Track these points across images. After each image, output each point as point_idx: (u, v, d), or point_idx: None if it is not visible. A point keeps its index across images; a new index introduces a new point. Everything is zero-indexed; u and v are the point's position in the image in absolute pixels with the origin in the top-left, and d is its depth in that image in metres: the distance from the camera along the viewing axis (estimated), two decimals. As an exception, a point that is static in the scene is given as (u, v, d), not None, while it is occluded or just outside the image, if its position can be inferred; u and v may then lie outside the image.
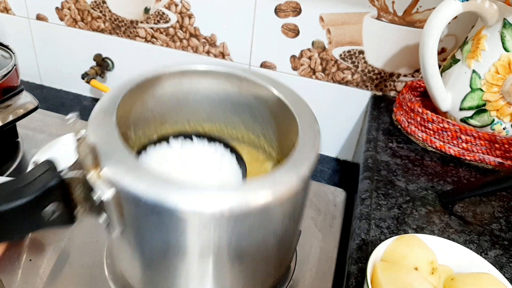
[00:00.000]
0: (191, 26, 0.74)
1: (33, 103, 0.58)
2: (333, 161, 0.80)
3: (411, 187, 0.51)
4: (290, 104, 0.40)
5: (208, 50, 0.76)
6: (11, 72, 0.55)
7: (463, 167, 0.55)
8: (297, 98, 0.41)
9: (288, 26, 0.69)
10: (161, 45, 0.78)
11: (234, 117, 0.48)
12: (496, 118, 0.54)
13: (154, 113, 0.46)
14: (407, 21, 0.64)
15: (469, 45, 0.55)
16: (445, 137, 0.56)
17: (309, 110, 0.40)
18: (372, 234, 0.44)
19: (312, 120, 0.39)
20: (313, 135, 0.37)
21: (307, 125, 0.38)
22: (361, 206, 0.47)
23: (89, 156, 0.32)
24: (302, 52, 0.71)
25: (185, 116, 0.48)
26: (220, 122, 0.49)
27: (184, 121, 0.48)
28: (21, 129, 0.66)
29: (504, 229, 0.46)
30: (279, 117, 0.43)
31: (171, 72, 0.43)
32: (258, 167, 0.48)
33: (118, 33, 0.80)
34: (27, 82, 0.92)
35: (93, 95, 0.90)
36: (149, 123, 0.46)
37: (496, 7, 0.51)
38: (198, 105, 0.47)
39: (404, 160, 0.55)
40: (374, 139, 0.59)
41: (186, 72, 0.44)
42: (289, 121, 0.40)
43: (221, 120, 0.49)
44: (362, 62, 0.69)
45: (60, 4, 0.80)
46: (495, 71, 0.52)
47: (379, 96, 0.71)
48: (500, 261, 0.42)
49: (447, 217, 0.47)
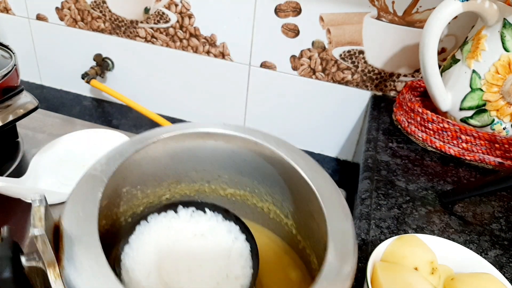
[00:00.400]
0: (191, 26, 0.74)
1: (33, 103, 0.58)
2: (333, 161, 0.80)
3: (411, 187, 0.51)
4: (318, 193, 0.35)
5: (208, 50, 0.76)
6: (11, 72, 0.55)
7: (463, 167, 0.55)
8: (327, 182, 0.36)
9: (288, 26, 0.69)
10: (161, 45, 0.78)
11: (262, 188, 0.43)
12: (496, 118, 0.54)
13: (167, 171, 0.41)
14: (407, 21, 0.64)
15: (469, 45, 0.55)
16: (445, 137, 0.56)
17: (342, 201, 0.35)
18: (372, 234, 0.44)
19: (342, 217, 0.33)
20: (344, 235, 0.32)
21: (336, 222, 0.33)
22: (361, 206, 0.47)
23: (50, 251, 0.26)
24: (302, 52, 0.71)
25: (206, 177, 0.44)
26: (246, 190, 0.44)
27: (204, 182, 0.44)
28: (21, 129, 0.66)
29: (504, 229, 0.46)
30: (307, 201, 0.38)
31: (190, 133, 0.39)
32: (277, 253, 0.42)
33: (118, 33, 0.80)
34: (27, 82, 0.92)
35: (93, 95, 0.90)
36: (162, 182, 0.42)
37: (496, 7, 0.51)
38: (222, 168, 0.43)
39: (404, 160, 0.55)
40: (374, 139, 0.59)
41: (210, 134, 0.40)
42: (319, 212, 0.35)
43: (247, 188, 0.44)
44: (362, 62, 0.69)
45: (60, 4, 0.80)
46: (495, 71, 0.52)
47: (379, 96, 0.71)
48: (500, 261, 0.42)
49: (447, 217, 0.47)
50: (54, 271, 0.26)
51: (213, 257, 0.36)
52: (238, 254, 0.37)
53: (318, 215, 0.35)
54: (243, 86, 0.78)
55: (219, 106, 0.82)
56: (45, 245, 0.26)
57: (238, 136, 0.40)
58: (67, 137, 0.64)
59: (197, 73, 0.79)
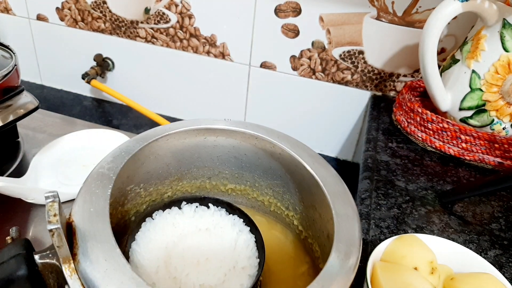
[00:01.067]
0: (191, 26, 0.74)
1: (34, 103, 0.58)
2: (333, 161, 0.80)
3: (411, 187, 0.51)
4: (323, 184, 0.36)
5: (208, 50, 0.76)
6: (11, 72, 0.55)
7: (462, 167, 0.55)
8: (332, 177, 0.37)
9: (288, 26, 0.69)
10: (161, 45, 0.78)
11: (263, 182, 0.44)
12: (495, 118, 0.55)
13: (170, 169, 0.42)
14: (407, 21, 0.64)
15: (469, 45, 0.55)
16: (445, 137, 0.56)
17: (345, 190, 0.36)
18: (372, 234, 0.44)
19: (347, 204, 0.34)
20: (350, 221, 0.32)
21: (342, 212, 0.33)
22: (361, 206, 0.48)
23: (66, 247, 0.27)
24: (302, 52, 0.71)
25: (207, 174, 0.44)
26: (246, 185, 0.45)
27: (206, 179, 0.44)
28: (22, 129, 0.66)
29: (503, 229, 0.46)
30: (310, 191, 0.39)
31: (192, 129, 0.40)
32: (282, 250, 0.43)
33: (118, 33, 0.80)
34: (28, 82, 0.93)
35: (94, 95, 0.90)
36: (164, 180, 0.42)
37: (496, 7, 0.51)
38: (223, 164, 0.43)
39: (403, 160, 0.55)
40: (374, 139, 0.59)
41: (211, 130, 0.40)
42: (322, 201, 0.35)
43: (248, 183, 0.45)
44: (362, 62, 0.69)
45: (60, 4, 0.80)
46: (494, 71, 0.52)
47: (378, 96, 0.71)
48: (499, 261, 0.42)
49: (447, 217, 0.47)
50: (69, 266, 0.26)
51: (219, 249, 0.36)
52: (244, 246, 0.37)
53: (321, 205, 0.35)
54: (243, 86, 0.78)
55: (219, 106, 0.82)
56: (61, 239, 0.26)
57: (238, 131, 0.40)
58: (68, 137, 0.64)
59: (197, 73, 0.79)
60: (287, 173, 0.41)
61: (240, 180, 0.45)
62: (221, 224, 0.39)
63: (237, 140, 0.41)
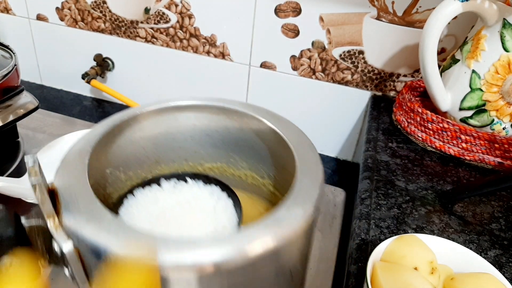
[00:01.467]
0: (191, 26, 0.74)
1: (34, 103, 0.58)
2: (333, 161, 0.80)
3: (411, 187, 0.51)
4: (286, 136, 0.38)
5: (208, 50, 0.76)
6: (11, 72, 0.55)
7: (463, 167, 0.55)
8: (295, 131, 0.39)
9: (288, 26, 0.69)
10: (161, 45, 0.78)
11: (237, 156, 0.45)
12: (495, 118, 0.55)
13: (147, 153, 0.43)
14: (407, 21, 0.64)
15: (469, 45, 0.55)
16: (445, 137, 0.56)
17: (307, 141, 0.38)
18: (372, 234, 0.44)
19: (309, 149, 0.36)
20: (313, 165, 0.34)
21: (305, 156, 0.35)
22: (361, 206, 0.48)
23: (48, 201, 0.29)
24: (302, 52, 0.71)
25: (183, 155, 0.45)
26: (222, 162, 0.46)
27: (182, 160, 0.45)
28: (22, 129, 0.66)
29: (503, 229, 0.46)
30: (280, 153, 0.40)
31: (161, 108, 0.40)
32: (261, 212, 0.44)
33: (118, 33, 0.80)
34: (28, 82, 0.93)
35: (94, 95, 0.90)
36: (142, 163, 0.43)
37: (496, 7, 0.51)
38: (197, 143, 0.44)
39: (404, 160, 0.55)
40: (374, 139, 0.59)
41: (180, 107, 0.41)
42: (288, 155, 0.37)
43: (223, 159, 0.45)
44: (362, 62, 0.69)
45: (60, 4, 0.80)
46: (494, 71, 0.52)
47: (379, 96, 0.71)
48: (499, 261, 0.42)
49: (447, 217, 0.47)
50: (54, 222, 0.28)
51: (200, 216, 0.38)
52: (223, 209, 0.39)
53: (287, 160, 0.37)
54: (243, 86, 0.78)
55: (219, 106, 0.82)
56: (43, 193, 0.28)
57: (205, 105, 0.41)
58: (68, 137, 0.64)
59: (197, 73, 0.79)
60: (257, 140, 0.42)
61: (215, 158, 0.46)
62: (200, 194, 0.41)
63: (206, 116, 0.42)
